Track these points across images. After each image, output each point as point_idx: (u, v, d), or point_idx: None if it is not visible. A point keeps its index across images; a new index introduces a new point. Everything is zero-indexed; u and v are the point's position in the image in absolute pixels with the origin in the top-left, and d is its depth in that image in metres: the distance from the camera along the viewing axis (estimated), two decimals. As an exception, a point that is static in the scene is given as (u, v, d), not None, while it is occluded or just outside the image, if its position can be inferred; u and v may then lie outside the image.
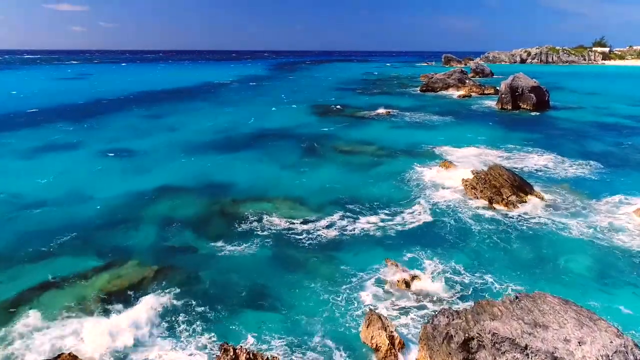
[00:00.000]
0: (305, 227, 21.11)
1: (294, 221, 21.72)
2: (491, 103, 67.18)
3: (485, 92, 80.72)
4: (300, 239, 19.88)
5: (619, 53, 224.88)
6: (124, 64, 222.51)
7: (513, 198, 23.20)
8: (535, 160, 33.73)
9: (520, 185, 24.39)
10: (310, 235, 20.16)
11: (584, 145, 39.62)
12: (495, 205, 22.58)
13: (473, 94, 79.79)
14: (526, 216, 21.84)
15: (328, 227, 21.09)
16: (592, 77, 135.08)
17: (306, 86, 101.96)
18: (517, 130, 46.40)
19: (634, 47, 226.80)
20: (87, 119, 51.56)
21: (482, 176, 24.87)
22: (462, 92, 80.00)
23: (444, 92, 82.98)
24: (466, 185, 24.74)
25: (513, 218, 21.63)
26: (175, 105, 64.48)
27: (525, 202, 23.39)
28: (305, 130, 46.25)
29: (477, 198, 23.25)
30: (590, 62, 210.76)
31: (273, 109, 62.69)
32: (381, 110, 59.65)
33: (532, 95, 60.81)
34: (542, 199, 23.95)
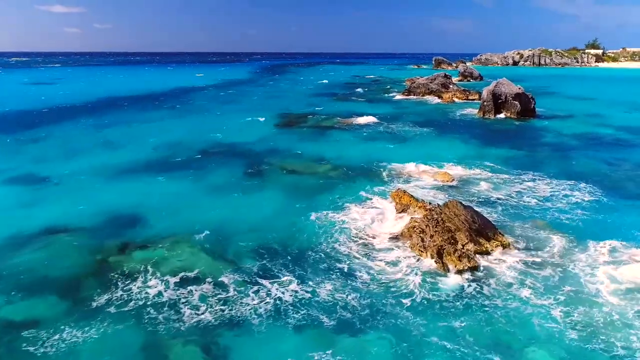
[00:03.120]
0: (192, 290, 16.04)
1: (180, 280, 16.68)
2: (474, 110, 62.45)
3: (470, 97, 76.02)
4: (176, 315, 14.78)
5: (613, 55, 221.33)
6: (107, 67, 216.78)
7: (470, 247, 18.25)
8: (509, 185, 28.86)
9: (481, 229, 19.43)
10: (192, 308, 15.06)
11: (571, 163, 34.76)
12: (447, 260, 17.59)
13: (456, 100, 75.13)
14: (482, 281, 16.71)
15: (221, 291, 16.04)
16: (584, 80, 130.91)
17: (285, 91, 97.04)
18: (496, 144, 41.54)
19: (628, 49, 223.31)
20: (21, 132, 46.34)
21: (435, 216, 19.92)
22: (444, 98, 75.27)
23: (426, 98, 78.18)
24: (414, 228, 19.77)
25: (464, 285, 16.47)
26: (130, 115, 59.33)
27: (486, 252, 18.44)
28: (260, 145, 41.27)
29: (423, 250, 18.26)
30: (583, 64, 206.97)
31: (237, 118, 57.62)
32: (353, 119, 54.85)
33: (516, 102, 56.09)
34: (507, 246, 19.02)
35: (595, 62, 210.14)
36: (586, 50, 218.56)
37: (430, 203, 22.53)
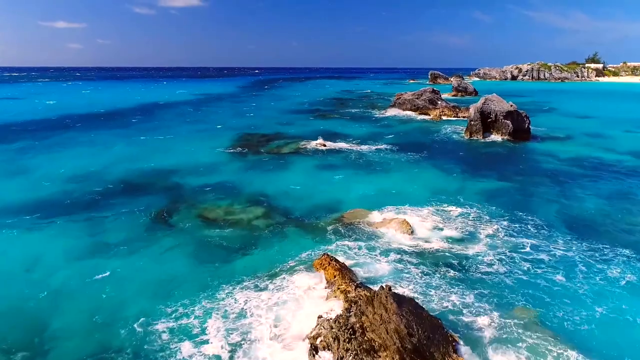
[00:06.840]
0: None
1: None
2: (462, 128, 55.48)
3: (460, 114, 69.00)
4: None
5: (613, 69, 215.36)
6: (97, 81, 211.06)
7: (398, 387, 10.78)
8: (496, 240, 21.52)
9: (422, 346, 11.97)
10: None
11: (568, 205, 27.43)
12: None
13: (444, 117, 68.20)
14: None
15: None
16: (585, 95, 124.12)
17: (262, 108, 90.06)
18: (481, 176, 34.30)
19: (628, 64, 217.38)
20: None
21: (353, 319, 12.51)
22: (431, 115, 68.31)
23: (411, 115, 71.19)
24: (315, 344, 12.33)
25: None
26: (68, 136, 52.19)
27: (425, 395, 10.98)
28: (194, 178, 34.00)
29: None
30: (583, 78, 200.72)
31: (189, 140, 50.63)
32: (319, 143, 47.59)
33: (507, 122, 48.99)
34: (464, 378, 11.57)
35: (596, 76, 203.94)
36: (586, 65, 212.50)
37: (359, 285, 15.12)
